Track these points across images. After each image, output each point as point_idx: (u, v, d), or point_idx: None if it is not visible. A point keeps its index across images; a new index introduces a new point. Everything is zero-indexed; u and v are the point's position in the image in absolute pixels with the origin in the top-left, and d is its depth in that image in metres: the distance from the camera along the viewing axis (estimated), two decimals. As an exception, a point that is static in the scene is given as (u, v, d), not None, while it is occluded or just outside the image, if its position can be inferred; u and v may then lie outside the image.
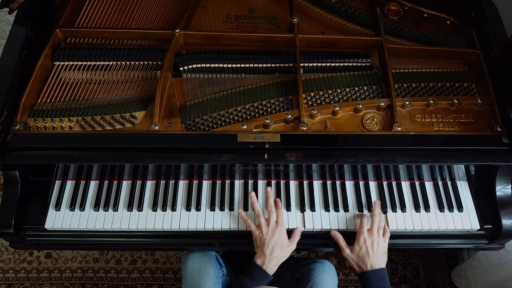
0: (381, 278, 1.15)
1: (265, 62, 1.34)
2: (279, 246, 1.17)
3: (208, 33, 1.38)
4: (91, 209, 1.27)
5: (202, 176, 1.31)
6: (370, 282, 1.14)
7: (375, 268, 1.15)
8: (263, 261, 1.16)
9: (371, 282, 1.14)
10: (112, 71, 1.32)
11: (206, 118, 1.26)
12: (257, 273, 1.15)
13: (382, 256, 1.18)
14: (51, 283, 2.01)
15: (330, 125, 1.26)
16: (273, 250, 1.16)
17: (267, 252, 1.16)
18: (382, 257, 1.18)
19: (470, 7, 1.44)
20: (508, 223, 1.24)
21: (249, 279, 1.14)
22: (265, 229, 1.18)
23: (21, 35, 1.29)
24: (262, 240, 1.17)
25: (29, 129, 1.21)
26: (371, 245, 1.17)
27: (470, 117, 1.29)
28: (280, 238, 1.18)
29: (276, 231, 1.18)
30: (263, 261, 1.16)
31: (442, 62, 1.40)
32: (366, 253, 1.16)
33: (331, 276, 1.33)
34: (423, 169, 1.30)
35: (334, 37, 1.39)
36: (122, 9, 1.43)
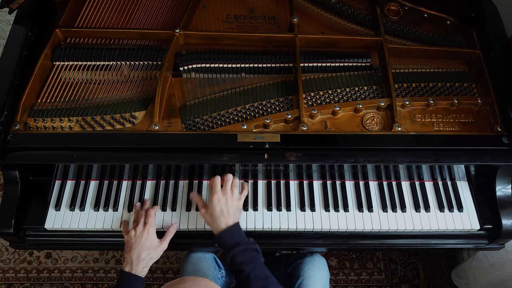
0: (236, 232, 1.14)
1: (265, 62, 1.34)
2: (146, 248, 1.16)
3: (208, 33, 1.38)
4: (91, 209, 1.27)
5: (202, 176, 1.31)
6: (227, 239, 1.12)
7: (230, 225, 1.14)
8: (131, 266, 1.15)
9: (228, 239, 1.12)
10: (112, 71, 1.32)
11: (206, 118, 1.26)
12: (127, 280, 1.14)
13: (236, 213, 1.17)
14: (51, 283, 2.01)
15: (330, 125, 1.26)
16: (140, 254, 1.15)
17: (133, 257, 1.15)
18: (236, 214, 1.17)
19: (470, 7, 1.44)
20: (508, 223, 1.24)
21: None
22: (132, 233, 1.17)
23: (21, 35, 1.29)
24: (129, 245, 1.17)
25: (29, 129, 1.21)
26: (225, 203, 1.15)
27: (470, 117, 1.29)
28: (147, 240, 1.17)
29: (143, 234, 1.17)
30: (131, 267, 1.15)
31: (442, 62, 1.40)
32: (220, 211, 1.14)
33: (321, 270, 1.32)
34: (423, 169, 1.30)
35: (334, 37, 1.39)
36: (122, 9, 1.43)
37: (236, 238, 1.12)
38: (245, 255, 1.09)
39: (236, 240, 1.12)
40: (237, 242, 1.11)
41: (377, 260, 2.07)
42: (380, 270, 2.05)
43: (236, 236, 1.13)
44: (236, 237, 1.12)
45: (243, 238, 1.13)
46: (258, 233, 1.28)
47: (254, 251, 1.11)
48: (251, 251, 1.11)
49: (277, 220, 1.26)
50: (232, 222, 1.15)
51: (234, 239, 1.12)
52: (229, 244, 1.11)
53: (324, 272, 1.33)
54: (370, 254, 2.08)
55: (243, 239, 1.13)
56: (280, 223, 1.26)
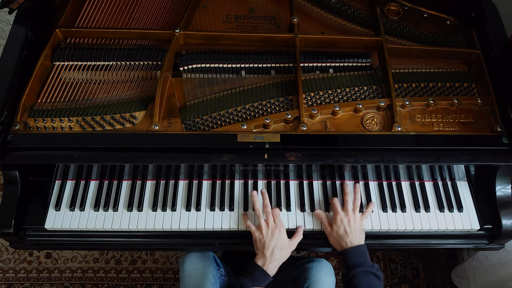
0: (360, 253, 1.17)
1: (265, 62, 1.34)
2: (279, 247, 1.17)
3: (208, 33, 1.38)
4: (91, 209, 1.27)
5: (202, 176, 1.31)
6: (351, 258, 1.16)
7: (354, 245, 1.18)
8: (264, 262, 1.16)
9: (352, 258, 1.16)
10: (112, 71, 1.32)
11: (206, 118, 1.26)
12: (258, 273, 1.15)
13: (360, 234, 1.20)
14: (51, 283, 2.01)
15: (330, 125, 1.26)
16: (274, 252, 1.17)
17: (267, 254, 1.16)
18: (360, 234, 1.21)
19: (470, 7, 1.43)
20: (508, 223, 1.24)
21: (250, 280, 1.14)
22: (265, 230, 1.18)
23: (21, 35, 1.29)
24: (262, 242, 1.18)
25: (29, 129, 1.21)
26: (348, 224, 1.19)
27: (470, 117, 1.29)
28: (280, 239, 1.18)
29: (275, 232, 1.18)
30: (264, 262, 1.16)
31: (442, 62, 1.40)
32: (344, 231, 1.19)
33: (328, 274, 1.33)
34: (423, 169, 1.30)
35: (334, 37, 1.39)
36: (122, 9, 1.44)
37: (360, 258, 1.16)
38: (366, 277, 1.13)
39: (361, 261, 1.16)
40: (361, 262, 1.15)
41: (377, 260, 2.07)
42: (380, 270, 2.04)
43: (362, 257, 1.17)
44: (361, 258, 1.16)
45: (367, 260, 1.17)
46: (258, 233, 1.27)
47: (375, 276, 1.14)
48: (372, 275, 1.14)
49: (277, 220, 1.26)
50: (357, 243, 1.18)
51: (358, 259, 1.16)
52: (353, 262, 1.15)
53: (331, 276, 1.34)
54: (370, 254, 2.07)
55: (367, 261, 1.17)
56: (280, 223, 1.25)
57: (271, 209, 1.23)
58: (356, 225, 1.20)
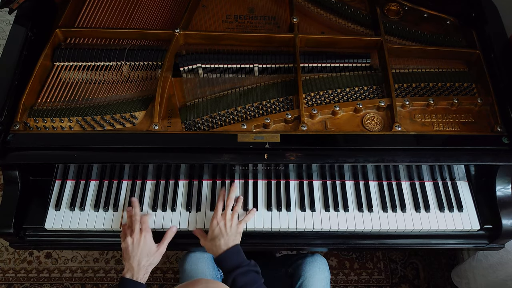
0: (236, 254, 1.13)
1: (265, 62, 1.34)
2: (145, 255, 1.15)
3: (208, 33, 1.38)
4: (91, 209, 1.27)
5: (202, 176, 1.31)
6: (227, 261, 1.12)
7: (230, 246, 1.14)
8: (132, 273, 1.13)
9: (229, 261, 1.12)
10: (112, 71, 1.32)
11: (206, 118, 1.26)
12: (130, 286, 1.12)
13: (235, 236, 1.17)
14: (51, 283, 2.01)
15: (330, 125, 1.26)
16: (140, 261, 1.14)
17: (134, 264, 1.13)
18: (236, 236, 1.17)
19: (470, 7, 1.44)
20: (508, 223, 1.24)
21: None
22: (129, 240, 1.15)
23: (21, 35, 1.29)
24: (127, 253, 1.15)
25: (29, 129, 1.21)
26: (223, 227, 1.16)
27: (470, 117, 1.29)
28: (145, 247, 1.16)
29: (140, 241, 1.15)
30: (132, 274, 1.13)
31: (442, 62, 1.40)
32: (219, 233, 1.15)
33: (322, 270, 1.32)
34: (423, 169, 1.30)
35: (334, 37, 1.39)
36: (122, 9, 1.43)
37: (236, 260, 1.12)
38: (246, 277, 1.09)
39: (237, 262, 1.11)
40: (238, 264, 1.11)
41: (377, 260, 2.07)
42: (380, 270, 2.05)
43: (237, 258, 1.12)
44: (237, 259, 1.12)
45: (243, 260, 1.13)
46: (258, 233, 1.28)
47: (255, 273, 1.11)
48: (252, 273, 1.10)
49: (277, 220, 1.26)
50: (232, 244, 1.14)
51: (234, 261, 1.12)
52: (230, 266, 1.11)
53: (325, 272, 1.33)
54: (370, 254, 2.08)
55: (244, 261, 1.12)
56: (280, 223, 1.25)
57: (139, 216, 1.20)
58: (233, 228, 1.17)
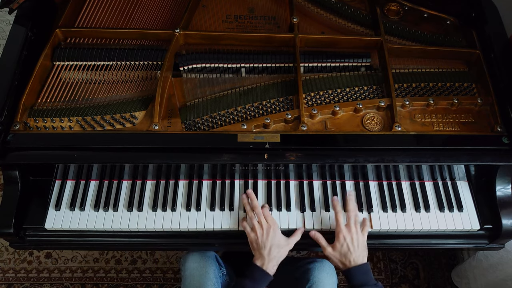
0: (365, 273, 1.16)
1: (265, 62, 1.34)
2: (276, 246, 1.17)
3: (208, 33, 1.38)
4: (91, 209, 1.27)
5: (202, 176, 1.31)
6: (355, 277, 1.15)
7: (358, 264, 1.16)
8: (263, 262, 1.16)
9: (356, 277, 1.15)
10: (112, 71, 1.32)
11: (206, 118, 1.26)
12: (258, 274, 1.15)
13: (363, 251, 1.19)
14: (51, 283, 2.01)
15: (330, 125, 1.26)
16: (271, 251, 1.16)
17: (265, 254, 1.16)
18: (363, 251, 1.19)
19: (470, 7, 1.44)
20: (508, 223, 1.24)
21: (251, 280, 1.14)
22: (259, 231, 1.18)
23: (21, 35, 1.29)
24: (258, 243, 1.18)
25: (29, 129, 1.21)
26: (351, 241, 1.17)
27: (470, 117, 1.29)
28: (275, 238, 1.18)
29: (270, 232, 1.18)
30: (263, 262, 1.16)
31: (442, 62, 1.40)
32: (347, 249, 1.17)
33: (330, 275, 1.33)
34: (423, 169, 1.30)
35: (334, 37, 1.39)
36: (122, 9, 1.43)
37: (365, 277, 1.15)
38: None
39: (365, 280, 1.15)
40: (365, 281, 1.14)
41: (377, 260, 2.07)
42: (380, 270, 2.04)
43: (365, 276, 1.16)
44: (365, 277, 1.15)
45: (371, 279, 1.16)
46: (258, 233, 1.28)
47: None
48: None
49: (277, 220, 1.26)
50: (361, 261, 1.17)
51: (362, 278, 1.15)
52: (357, 282, 1.15)
53: (333, 277, 1.34)
54: (370, 254, 2.07)
55: (371, 280, 1.16)
56: (280, 223, 1.25)
57: (261, 209, 1.22)
58: (360, 242, 1.18)
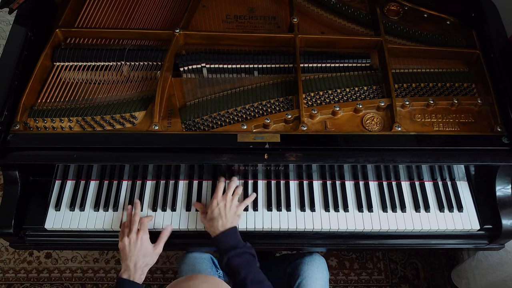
0: (233, 235, 1.15)
1: (265, 62, 1.34)
2: (142, 255, 1.16)
3: (208, 33, 1.38)
4: (91, 209, 1.27)
5: (202, 176, 1.31)
6: (224, 242, 1.14)
7: (227, 228, 1.16)
8: (129, 274, 1.14)
9: (225, 242, 1.14)
10: (112, 71, 1.32)
11: (206, 118, 1.26)
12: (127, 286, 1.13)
13: (233, 218, 1.19)
14: (51, 283, 2.01)
15: (330, 125, 1.26)
16: (137, 261, 1.15)
17: (131, 265, 1.15)
18: (233, 219, 1.19)
19: (470, 7, 1.44)
20: (508, 223, 1.24)
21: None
22: (126, 241, 1.16)
23: (21, 35, 1.29)
24: (124, 253, 1.16)
25: (29, 129, 1.21)
26: (223, 208, 1.18)
27: (470, 117, 1.29)
28: (142, 248, 1.16)
29: (137, 242, 1.16)
30: (129, 274, 1.14)
31: (442, 62, 1.40)
32: (218, 214, 1.17)
33: (320, 269, 1.32)
34: (423, 169, 1.30)
35: (334, 37, 1.39)
36: (122, 9, 1.44)
37: (232, 241, 1.14)
38: (241, 258, 1.10)
39: (233, 243, 1.13)
40: (233, 245, 1.12)
41: (377, 260, 2.07)
42: (380, 270, 2.05)
43: (233, 239, 1.14)
44: (233, 240, 1.14)
45: (239, 241, 1.14)
46: (258, 233, 1.28)
47: (250, 255, 1.12)
48: (247, 254, 1.12)
49: (277, 220, 1.26)
50: (230, 225, 1.16)
51: (230, 242, 1.13)
52: (226, 247, 1.13)
53: (324, 272, 1.33)
54: (370, 254, 2.08)
55: (240, 242, 1.14)
56: (280, 223, 1.26)
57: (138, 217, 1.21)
58: (232, 210, 1.19)
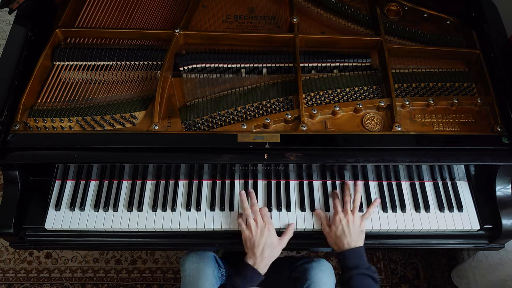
0: (358, 255, 1.16)
1: (265, 62, 1.34)
2: (269, 246, 1.17)
3: (208, 33, 1.38)
4: (91, 209, 1.27)
5: (202, 176, 1.31)
6: (348, 260, 1.15)
7: (352, 247, 1.16)
8: (255, 261, 1.15)
9: (349, 260, 1.15)
10: (112, 71, 1.32)
11: (206, 118, 1.26)
12: (249, 272, 1.14)
13: (358, 235, 1.19)
14: (51, 283, 2.01)
15: (330, 125, 1.26)
16: (263, 250, 1.16)
17: (257, 253, 1.15)
18: (359, 236, 1.19)
19: (470, 7, 1.44)
20: (508, 223, 1.24)
21: (241, 279, 1.14)
22: (254, 229, 1.18)
23: (21, 35, 1.29)
24: (252, 241, 1.17)
25: (29, 129, 1.21)
26: (346, 225, 1.18)
27: (470, 117, 1.29)
28: (269, 237, 1.18)
29: (265, 231, 1.18)
30: (255, 262, 1.15)
31: (442, 62, 1.40)
32: (342, 232, 1.18)
33: (328, 275, 1.33)
34: (423, 169, 1.30)
35: (334, 37, 1.39)
36: (122, 9, 1.44)
37: (358, 260, 1.15)
38: (363, 279, 1.12)
39: (358, 263, 1.14)
40: (358, 264, 1.14)
41: (377, 260, 2.07)
42: (380, 270, 2.04)
43: (359, 259, 1.15)
44: (358, 260, 1.15)
45: (364, 262, 1.15)
46: (258, 233, 1.28)
47: (371, 278, 1.13)
48: (369, 278, 1.13)
49: (277, 220, 1.26)
50: (355, 245, 1.17)
51: (355, 261, 1.14)
52: (350, 264, 1.14)
53: (331, 277, 1.34)
54: (370, 254, 2.08)
55: (365, 263, 1.15)
56: (280, 223, 1.25)
57: (259, 208, 1.22)
58: (355, 226, 1.19)
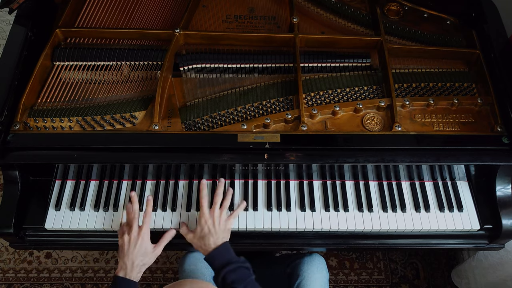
0: (225, 251, 1.13)
1: (265, 62, 1.34)
2: (141, 254, 1.14)
3: (208, 33, 1.38)
4: (91, 209, 1.27)
5: (202, 176, 1.31)
6: (217, 260, 1.12)
7: (219, 245, 1.13)
8: (125, 272, 1.13)
9: (217, 260, 1.11)
10: (112, 71, 1.32)
11: (206, 118, 1.26)
12: (123, 285, 1.12)
13: (224, 233, 1.16)
14: (51, 283, 2.01)
15: (330, 125, 1.26)
16: (134, 260, 1.13)
17: (128, 263, 1.13)
18: (224, 233, 1.16)
19: (470, 7, 1.44)
20: (508, 223, 1.24)
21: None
22: (126, 238, 1.15)
23: (21, 35, 1.29)
24: (123, 251, 1.15)
25: (29, 129, 1.21)
26: (212, 225, 1.15)
27: (470, 117, 1.29)
28: (142, 247, 1.15)
29: (138, 240, 1.14)
30: (125, 272, 1.13)
31: (442, 62, 1.40)
32: (208, 231, 1.14)
33: (320, 269, 1.32)
34: (423, 169, 1.30)
35: (334, 37, 1.39)
36: (122, 9, 1.43)
37: (226, 257, 1.11)
38: (236, 274, 1.08)
39: (226, 259, 1.11)
40: (227, 261, 1.10)
41: (377, 260, 2.07)
42: (380, 270, 2.05)
43: (226, 255, 1.12)
44: (226, 256, 1.11)
45: (233, 256, 1.12)
46: (258, 233, 1.28)
47: (245, 269, 1.10)
48: (242, 269, 1.10)
49: (277, 220, 1.26)
50: (221, 241, 1.14)
51: (224, 258, 1.11)
52: (219, 263, 1.10)
53: (323, 271, 1.33)
54: (370, 254, 2.08)
55: (233, 257, 1.12)
56: (280, 223, 1.26)
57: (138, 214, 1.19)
58: (221, 225, 1.16)
